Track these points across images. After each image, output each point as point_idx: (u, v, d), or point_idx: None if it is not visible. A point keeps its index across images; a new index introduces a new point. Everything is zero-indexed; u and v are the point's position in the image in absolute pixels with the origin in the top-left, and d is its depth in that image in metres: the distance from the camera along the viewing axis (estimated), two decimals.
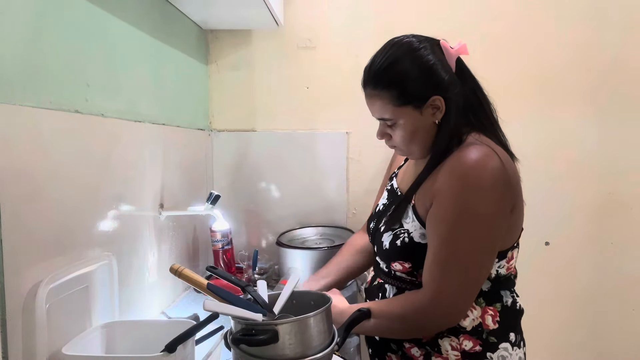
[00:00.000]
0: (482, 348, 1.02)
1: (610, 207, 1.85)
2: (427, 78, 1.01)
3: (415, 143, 1.05)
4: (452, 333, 1.03)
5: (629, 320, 1.89)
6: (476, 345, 1.02)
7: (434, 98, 1.00)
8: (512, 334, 1.06)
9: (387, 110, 1.03)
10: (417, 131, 1.03)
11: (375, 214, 1.21)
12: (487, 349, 1.03)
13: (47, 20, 0.89)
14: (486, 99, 1.08)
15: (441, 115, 1.02)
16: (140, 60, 1.28)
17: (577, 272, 1.88)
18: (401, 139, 1.05)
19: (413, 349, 1.06)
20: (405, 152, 1.10)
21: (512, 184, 0.98)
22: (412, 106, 1.01)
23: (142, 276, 1.26)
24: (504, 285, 1.07)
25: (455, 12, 1.82)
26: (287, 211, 1.88)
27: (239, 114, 1.89)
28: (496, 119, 1.08)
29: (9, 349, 0.76)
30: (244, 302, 0.92)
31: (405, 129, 1.03)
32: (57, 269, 0.86)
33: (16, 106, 0.79)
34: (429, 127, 1.04)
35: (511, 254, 1.06)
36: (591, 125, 1.83)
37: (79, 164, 0.96)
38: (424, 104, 1.01)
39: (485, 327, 1.03)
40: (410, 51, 1.02)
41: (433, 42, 1.04)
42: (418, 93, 1.01)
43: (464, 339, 1.03)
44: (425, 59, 1.01)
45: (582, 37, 1.80)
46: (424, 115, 1.02)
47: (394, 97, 1.01)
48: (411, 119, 1.02)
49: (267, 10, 1.55)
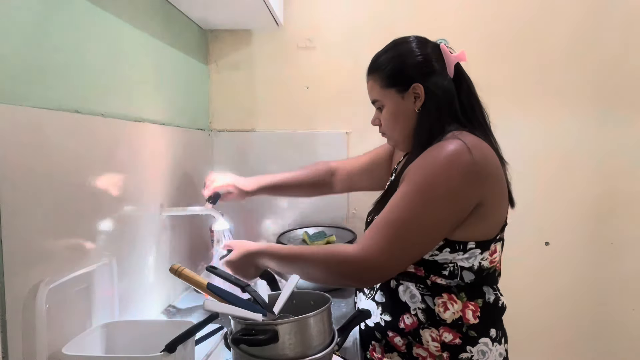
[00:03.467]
0: (461, 341, 1.05)
1: (610, 207, 1.85)
2: (413, 66, 1.11)
3: (397, 129, 1.14)
4: (433, 324, 1.06)
5: (629, 320, 1.89)
6: (456, 338, 1.05)
7: (414, 85, 1.09)
8: (492, 330, 1.08)
9: (374, 91, 1.15)
10: (398, 116, 1.13)
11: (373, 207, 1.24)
12: (467, 342, 1.05)
13: (47, 20, 0.89)
14: (479, 104, 1.14)
15: (420, 104, 1.10)
16: (140, 60, 1.28)
17: (577, 272, 1.88)
18: (385, 122, 1.16)
19: (396, 338, 1.10)
20: (391, 139, 1.19)
21: (480, 179, 1.00)
22: (395, 89, 1.11)
23: (142, 276, 1.26)
24: (487, 281, 1.09)
25: (455, 12, 1.82)
26: (287, 211, 1.88)
27: (239, 114, 1.89)
28: (488, 123, 1.14)
29: (9, 349, 0.76)
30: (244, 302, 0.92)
31: (389, 111, 1.14)
32: (57, 269, 0.86)
33: (16, 106, 0.79)
34: (409, 114, 1.11)
35: (494, 247, 1.08)
36: (591, 124, 1.83)
37: (79, 164, 0.96)
38: (406, 90, 1.10)
39: (466, 321, 1.06)
40: (405, 42, 1.14)
41: (429, 42, 1.14)
42: (402, 77, 1.11)
43: (444, 331, 1.06)
44: (414, 50, 1.12)
45: (582, 37, 1.80)
46: (405, 101, 1.11)
47: (382, 79, 1.13)
48: (394, 102, 1.12)
49: (267, 10, 1.55)
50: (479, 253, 1.05)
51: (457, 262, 1.04)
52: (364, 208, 1.22)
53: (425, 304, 1.07)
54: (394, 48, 1.15)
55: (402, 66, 1.11)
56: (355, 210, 1.88)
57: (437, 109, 1.09)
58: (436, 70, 1.10)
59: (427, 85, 1.09)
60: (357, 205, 1.87)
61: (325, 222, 1.87)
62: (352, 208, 1.88)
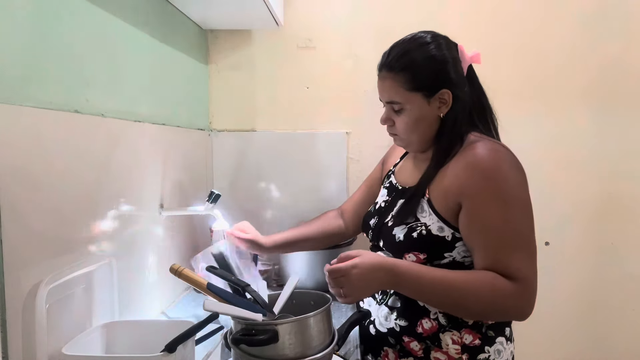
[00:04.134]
0: (481, 342, 1.05)
1: (610, 207, 1.84)
2: (440, 70, 1.06)
3: (417, 133, 1.09)
4: (455, 327, 1.05)
5: (629, 320, 1.88)
6: (476, 339, 1.05)
7: (443, 91, 1.05)
8: (507, 329, 1.09)
9: (397, 92, 1.07)
10: (421, 120, 1.08)
11: (375, 211, 1.22)
12: (485, 342, 1.05)
13: (47, 20, 0.89)
14: (489, 107, 1.14)
15: (446, 110, 1.07)
16: (140, 60, 1.28)
17: (577, 272, 1.88)
18: (404, 126, 1.09)
19: (412, 342, 1.07)
20: (405, 141, 1.13)
21: (522, 168, 1.04)
22: (421, 94, 1.06)
23: (142, 276, 1.26)
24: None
25: (455, 13, 1.82)
26: (287, 211, 1.88)
27: (239, 114, 1.89)
28: (496, 126, 1.15)
29: (9, 349, 0.76)
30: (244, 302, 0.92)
31: (410, 116, 1.07)
32: (57, 269, 0.86)
33: (16, 106, 0.79)
34: (432, 119, 1.08)
35: None
36: (591, 125, 1.83)
37: (79, 164, 0.96)
38: (432, 95, 1.06)
39: (485, 321, 1.05)
40: (426, 44, 1.08)
41: (450, 42, 1.11)
42: (429, 82, 1.06)
43: (465, 333, 1.05)
44: (441, 53, 1.07)
45: (583, 38, 1.80)
46: (431, 107, 1.07)
47: (406, 81, 1.06)
48: (418, 106, 1.07)
49: (267, 10, 1.55)
50: None
51: None
52: None
53: None
54: (417, 50, 1.07)
55: (429, 70, 1.06)
56: None
57: (462, 114, 1.07)
58: (459, 74, 1.07)
59: (455, 92, 1.06)
60: None
61: None
62: None
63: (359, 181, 1.84)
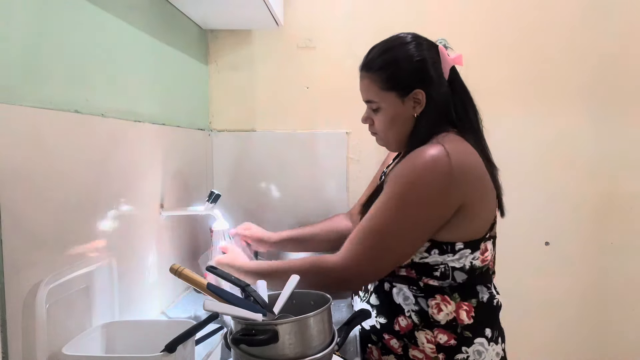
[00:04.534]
0: (457, 342, 1.05)
1: (610, 207, 1.84)
2: (414, 70, 1.09)
3: (392, 131, 1.13)
4: (427, 326, 1.06)
5: (629, 320, 1.89)
6: (451, 339, 1.05)
7: (416, 91, 1.08)
8: (488, 330, 1.08)
9: (372, 91, 1.12)
10: (395, 119, 1.11)
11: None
12: (462, 343, 1.05)
13: (47, 20, 0.89)
14: (473, 109, 1.14)
15: (420, 110, 1.09)
16: (140, 60, 1.28)
17: (577, 272, 1.88)
18: (381, 125, 1.14)
19: (392, 340, 1.10)
20: (384, 140, 1.18)
21: (458, 183, 1.01)
22: (395, 93, 1.09)
23: (142, 276, 1.26)
24: (480, 280, 1.09)
25: (455, 12, 1.82)
26: (287, 211, 1.88)
27: (239, 114, 1.89)
28: (480, 127, 1.14)
29: (9, 349, 0.76)
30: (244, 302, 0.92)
31: (386, 115, 1.12)
32: (57, 269, 0.86)
33: (16, 106, 0.79)
34: (407, 118, 1.11)
35: (484, 246, 1.07)
36: (591, 124, 1.83)
37: (79, 164, 0.96)
38: (406, 95, 1.09)
39: (460, 321, 1.06)
40: (405, 44, 1.11)
41: (430, 43, 1.12)
42: (403, 81, 1.09)
43: (439, 333, 1.05)
44: (417, 53, 1.09)
45: (581, 37, 1.80)
46: (405, 106, 1.10)
47: (381, 80, 1.10)
48: (392, 105, 1.10)
49: (267, 10, 1.55)
50: (469, 253, 1.05)
51: (447, 263, 1.05)
52: None
53: (418, 305, 1.07)
54: (395, 49, 1.11)
55: (404, 70, 1.09)
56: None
57: (435, 114, 1.08)
58: (436, 74, 1.09)
59: (429, 92, 1.08)
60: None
61: None
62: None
63: (359, 181, 1.86)
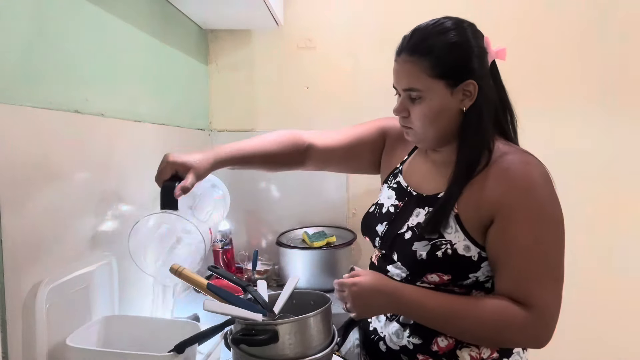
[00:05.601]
0: (499, 355, 1.01)
1: (610, 207, 1.84)
2: (466, 59, 0.97)
3: (435, 127, 0.99)
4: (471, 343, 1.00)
5: (629, 320, 1.88)
6: (493, 353, 1.00)
7: (468, 82, 0.96)
8: None
9: (419, 78, 0.96)
10: (441, 113, 0.97)
11: (382, 215, 1.11)
12: (503, 355, 1.01)
13: (47, 20, 0.89)
14: (511, 108, 1.05)
15: (470, 104, 0.97)
16: (140, 60, 1.28)
17: (577, 272, 1.88)
18: (422, 117, 0.98)
19: None
20: (419, 135, 1.02)
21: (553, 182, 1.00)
22: (445, 82, 0.95)
23: (142, 276, 1.26)
24: None
25: (456, 13, 1.81)
26: (287, 211, 1.88)
27: (239, 114, 1.89)
28: (516, 129, 1.08)
29: (9, 348, 0.76)
30: (244, 302, 0.92)
31: (430, 107, 0.97)
32: (57, 269, 0.86)
33: (16, 106, 0.79)
34: (453, 112, 0.98)
35: None
36: (591, 125, 1.83)
37: (79, 164, 0.96)
38: (457, 85, 0.96)
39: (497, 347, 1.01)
40: (452, 29, 0.99)
41: (477, 30, 1.03)
42: (455, 70, 0.96)
43: (484, 348, 1.00)
44: (471, 40, 0.98)
45: (583, 37, 1.80)
46: (454, 98, 0.97)
47: (430, 67, 0.95)
48: (440, 95, 0.96)
49: (267, 10, 1.55)
50: None
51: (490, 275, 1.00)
52: (364, 208, 1.21)
53: None
54: (451, 32, 0.98)
55: (461, 57, 0.96)
56: (355, 211, 1.87)
57: (486, 111, 0.98)
58: (485, 66, 0.99)
59: (481, 84, 0.96)
60: (357, 205, 1.87)
61: (325, 222, 1.87)
62: (352, 208, 1.88)
63: (359, 181, 1.85)
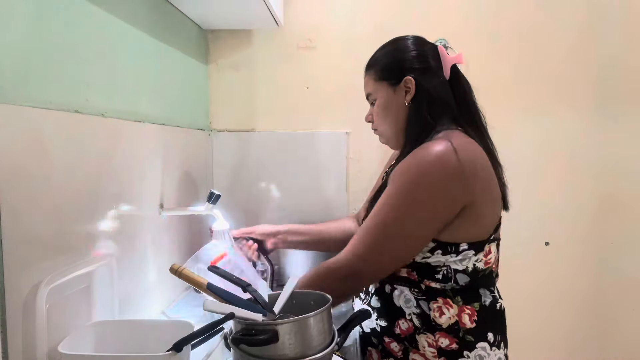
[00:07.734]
0: (458, 346, 1.04)
1: (610, 207, 1.84)
2: (406, 60, 1.12)
3: (387, 121, 1.15)
4: (428, 330, 1.04)
5: (629, 321, 1.89)
6: (452, 343, 1.04)
7: (406, 79, 1.10)
8: (490, 334, 1.06)
9: (369, 85, 1.18)
10: (388, 107, 1.14)
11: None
12: (464, 347, 1.04)
13: (47, 20, 0.89)
14: (475, 106, 1.14)
15: (410, 97, 1.10)
16: (140, 60, 1.28)
17: (577, 272, 1.88)
18: (376, 116, 1.17)
19: (392, 343, 1.08)
20: (383, 135, 1.20)
21: (466, 181, 1.00)
22: (387, 82, 1.13)
23: (142, 276, 1.26)
24: (483, 283, 1.08)
25: (455, 12, 1.82)
26: (287, 211, 1.88)
27: (239, 114, 1.89)
28: (484, 125, 1.14)
29: (9, 348, 0.76)
30: (244, 302, 0.91)
31: (379, 104, 1.15)
32: (57, 269, 0.86)
33: (16, 106, 0.79)
34: (399, 107, 1.12)
35: (488, 247, 1.06)
36: (591, 124, 1.83)
37: (79, 164, 0.96)
38: (397, 83, 1.12)
39: (462, 325, 1.04)
40: (399, 40, 1.17)
41: (426, 42, 1.16)
42: (394, 71, 1.12)
43: (440, 336, 1.04)
44: (409, 46, 1.14)
45: (583, 37, 1.80)
46: (397, 95, 1.12)
47: (374, 73, 1.16)
48: (385, 94, 1.14)
49: (267, 10, 1.55)
50: (473, 254, 1.04)
51: (450, 265, 1.03)
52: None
53: (420, 308, 1.06)
54: (391, 44, 1.18)
55: (396, 60, 1.14)
56: (355, 210, 1.87)
57: (428, 104, 1.09)
58: (431, 67, 1.11)
59: (419, 80, 1.09)
60: (357, 205, 1.86)
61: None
62: (352, 208, 1.88)
63: (359, 181, 1.86)
